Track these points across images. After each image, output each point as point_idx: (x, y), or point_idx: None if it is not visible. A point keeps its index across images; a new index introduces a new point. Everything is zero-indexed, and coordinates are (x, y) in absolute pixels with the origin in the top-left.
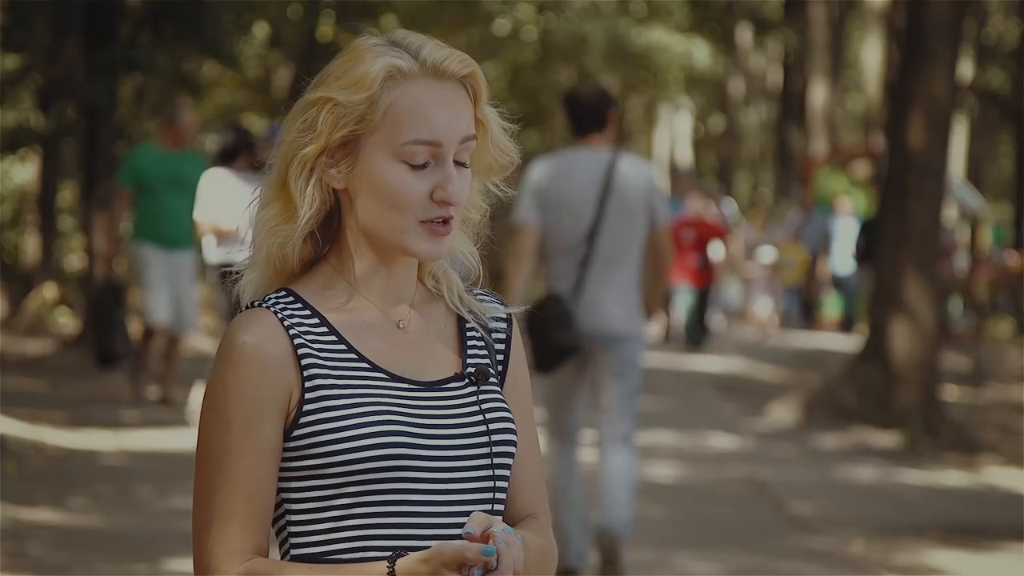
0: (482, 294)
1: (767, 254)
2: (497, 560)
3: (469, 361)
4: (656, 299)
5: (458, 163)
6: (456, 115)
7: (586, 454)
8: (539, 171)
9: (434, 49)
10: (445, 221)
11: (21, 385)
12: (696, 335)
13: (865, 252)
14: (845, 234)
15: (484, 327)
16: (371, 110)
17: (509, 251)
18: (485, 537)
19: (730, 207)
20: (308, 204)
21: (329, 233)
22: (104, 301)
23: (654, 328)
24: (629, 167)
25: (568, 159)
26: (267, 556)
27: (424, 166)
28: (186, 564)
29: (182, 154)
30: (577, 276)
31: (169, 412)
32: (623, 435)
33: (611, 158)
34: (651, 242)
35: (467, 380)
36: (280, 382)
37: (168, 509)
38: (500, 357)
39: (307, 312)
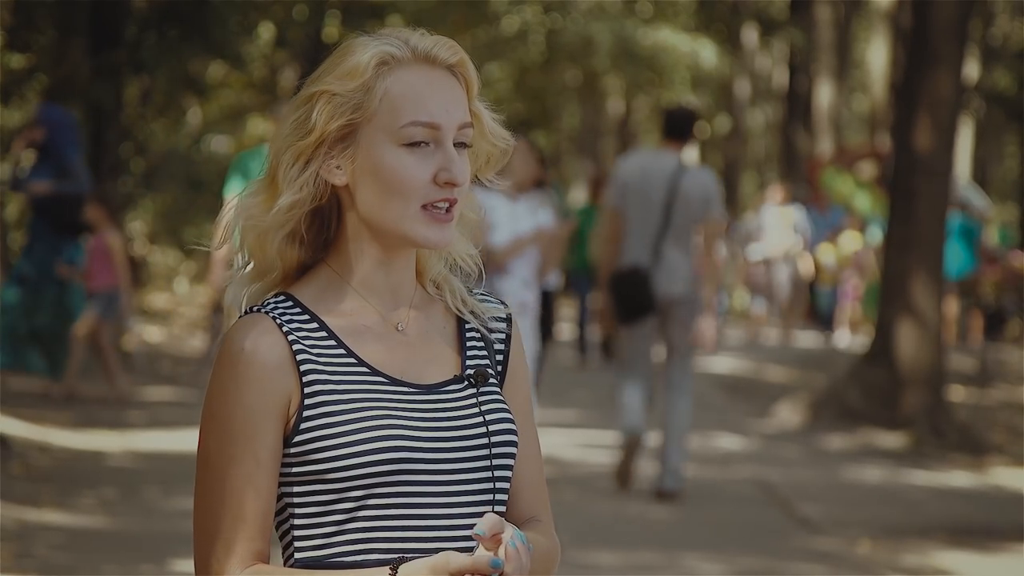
0: (482, 294)
1: (758, 252)
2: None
3: (469, 362)
4: (712, 276)
5: (458, 147)
6: (451, 100)
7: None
8: (624, 166)
9: (422, 37)
10: (449, 207)
11: (27, 386)
12: None
13: None
14: (775, 224)
15: (485, 327)
16: (367, 97)
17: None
18: (496, 541)
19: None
20: (294, 190)
21: (324, 237)
22: None
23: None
24: (694, 171)
25: (649, 158)
26: (268, 562)
27: (424, 145)
28: (192, 566)
29: None
30: (652, 251)
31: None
32: (687, 381)
33: (681, 162)
34: (704, 231)
35: (467, 382)
36: (279, 388)
37: (174, 510)
38: (500, 357)
39: (305, 317)
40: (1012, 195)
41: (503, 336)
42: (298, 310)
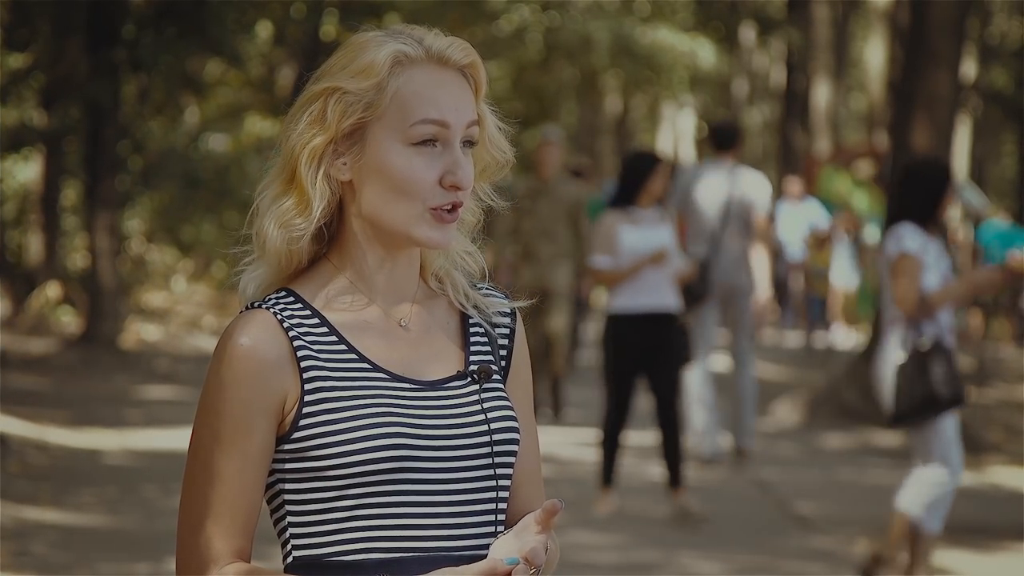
0: (486, 288)
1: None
2: None
3: (472, 358)
4: (760, 264)
5: (465, 145)
6: (461, 100)
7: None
8: (686, 174)
9: (436, 37)
10: (453, 208)
11: (24, 384)
12: None
13: None
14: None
15: (488, 322)
16: (379, 96)
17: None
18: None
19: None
20: (320, 196)
21: (328, 231)
22: None
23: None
24: (746, 176)
25: (707, 167)
26: (249, 560)
27: (432, 144)
28: None
29: None
30: (712, 247)
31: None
32: (751, 351)
33: (735, 169)
34: (756, 225)
35: (470, 378)
36: (275, 386)
37: (171, 508)
38: (503, 352)
39: (307, 312)
40: (1009, 193)
41: (507, 331)
42: (300, 305)
